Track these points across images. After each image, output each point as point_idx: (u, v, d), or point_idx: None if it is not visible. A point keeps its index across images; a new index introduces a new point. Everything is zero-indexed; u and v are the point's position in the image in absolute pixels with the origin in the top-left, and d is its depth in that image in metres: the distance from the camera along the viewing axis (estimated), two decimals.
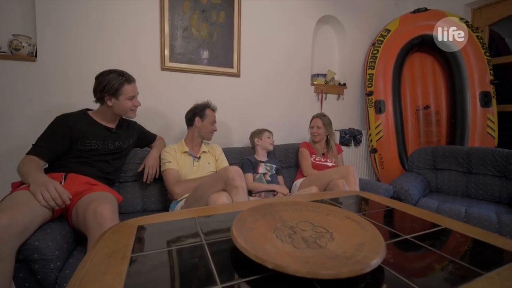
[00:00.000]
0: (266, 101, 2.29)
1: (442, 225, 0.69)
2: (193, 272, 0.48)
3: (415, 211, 0.79)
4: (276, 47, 2.27)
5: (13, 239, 0.79)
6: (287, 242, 0.55)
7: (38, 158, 1.14)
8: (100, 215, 0.94)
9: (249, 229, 0.60)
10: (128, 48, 1.76)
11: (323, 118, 2.05)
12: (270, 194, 1.73)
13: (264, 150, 1.94)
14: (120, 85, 1.30)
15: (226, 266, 0.50)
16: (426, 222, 0.71)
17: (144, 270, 0.49)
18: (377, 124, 2.50)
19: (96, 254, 0.55)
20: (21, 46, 1.49)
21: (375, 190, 1.68)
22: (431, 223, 0.71)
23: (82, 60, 1.64)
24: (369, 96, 2.55)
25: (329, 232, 0.60)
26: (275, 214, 0.69)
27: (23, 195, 0.89)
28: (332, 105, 2.63)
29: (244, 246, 0.49)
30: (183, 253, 0.55)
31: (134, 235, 0.63)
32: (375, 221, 0.72)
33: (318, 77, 2.55)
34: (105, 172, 1.35)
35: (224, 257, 0.54)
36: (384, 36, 2.50)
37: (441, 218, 0.74)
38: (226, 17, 2.02)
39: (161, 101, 1.90)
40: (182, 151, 1.59)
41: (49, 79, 1.58)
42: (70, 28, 1.60)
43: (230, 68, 2.09)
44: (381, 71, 2.48)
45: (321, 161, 1.99)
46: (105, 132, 1.35)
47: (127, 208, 1.53)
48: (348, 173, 1.55)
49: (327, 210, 0.70)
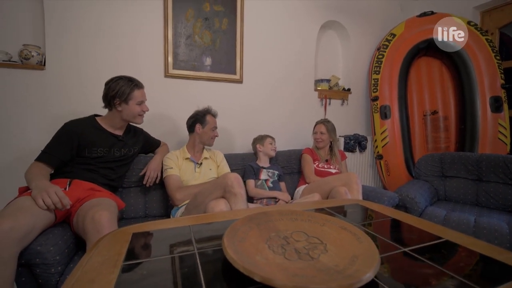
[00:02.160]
0: (269, 107, 2.29)
1: (444, 237, 0.66)
2: (181, 282, 0.48)
3: (416, 222, 0.77)
4: (279, 53, 2.28)
5: (15, 244, 0.80)
6: (279, 253, 0.54)
7: (45, 165, 1.17)
8: (98, 221, 0.95)
9: (241, 239, 0.59)
10: (133, 56, 1.79)
11: (326, 124, 2.03)
12: (272, 201, 1.72)
13: (266, 156, 1.93)
14: (130, 90, 1.32)
15: (215, 277, 0.50)
16: (427, 234, 0.69)
17: (133, 279, 0.49)
18: (382, 130, 2.46)
19: (88, 261, 0.55)
20: (31, 55, 1.54)
21: (380, 198, 1.64)
22: (433, 235, 0.68)
23: (89, 68, 1.68)
24: (374, 102, 2.52)
25: (323, 243, 0.59)
26: (270, 223, 0.68)
27: (26, 201, 0.91)
28: (336, 110, 2.61)
29: (233, 257, 0.49)
30: (174, 262, 0.55)
31: (128, 242, 0.63)
32: (373, 232, 0.70)
33: (322, 82, 2.54)
34: (110, 179, 1.37)
35: (215, 267, 0.53)
36: (389, 40, 2.48)
37: (443, 229, 0.72)
38: (229, 24, 2.04)
39: (165, 107, 1.92)
40: (184, 157, 1.60)
41: (57, 87, 1.62)
42: (77, 38, 1.65)
43: (233, 74, 2.10)
44: (386, 76, 2.45)
45: (324, 167, 1.96)
46: (112, 140, 1.37)
47: (130, 214, 1.54)
48: (350, 181, 1.53)
49: (323, 220, 0.69)
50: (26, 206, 0.88)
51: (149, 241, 0.65)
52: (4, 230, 0.77)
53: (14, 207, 0.87)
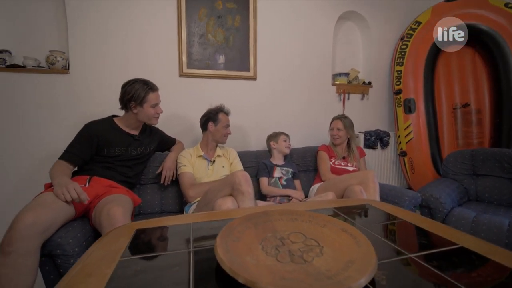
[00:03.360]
0: (284, 104, 2.25)
1: (459, 243, 0.60)
2: (170, 280, 0.48)
3: (431, 225, 0.71)
4: (293, 48, 2.22)
5: (37, 236, 0.87)
6: (271, 255, 0.53)
7: (68, 163, 1.25)
8: (113, 216, 1.00)
9: (235, 239, 0.58)
10: (149, 57, 1.85)
11: (343, 120, 1.95)
12: (285, 199, 1.69)
13: (281, 154, 1.91)
14: (145, 94, 1.37)
15: (205, 277, 0.50)
16: (440, 239, 0.63)
17: (127, 275, 0.50)
18: (406, 125, 2.31)
19: (90, 255, 0.58)
20: (56, 60, 1.66)
21: (400, 198, 1.55)
22: (446, 240, 0.62)
23: (109, 70, 1.77)
24: (397, 95, 2.38)
25: (320, 245, 0.56)
26: (268, 223, 0.67)
27: (48, 197, 0.98)
28: (355, 105, 2.50)
29: (222, 257, 0.48)
30: (168, 260, 0.56)
31: (130, 238, 0.65)
32: (379, 235, 0.66)
33: (340, 76, 2.44)
34: (127, 176, 1.43)
35: (207, 266, 0.53)
36: (414, 29, 2.31)
37: (461, 235, 0.65)
38: (242, 21, 2.03)
39: (180, 106, 1.97)
40: (197, 155, 1.63)
41: (80, 89, 1.73)
42: (98, 42, 1.74)
43: (246, 71, 2.09)
44: (410, 67, 2.29)
45: (341, 165, 1.89)
46: (128, 139, 1.43)
47: (146, 209, 1.60)
48: (367, 179, 1.45)
49: (324, 221, 0.66)
50: (48, 202, 0.95)
51: (149, 238, 0.67)
52: (27, 224, 0.84)
53: (37, 202, 0.94)
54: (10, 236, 0.82)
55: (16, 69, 1.59)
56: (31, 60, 1.64)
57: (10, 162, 1.64)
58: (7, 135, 1.62)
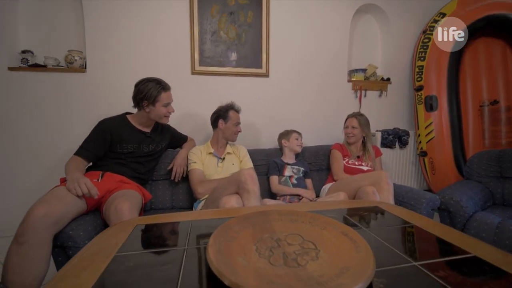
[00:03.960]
0: (297, 101, 2.21)
1: (472, 252, 0.55)
2: (159, 278, 0.48)
3: (442, 231, 0.66)
4: (308, 43, 2.17)
5: (48, 228, 0.91)
6: (265, 257, 0.51)
7: (82, 158, 1.30)
8: (120, 211, 1.02)
9: (230, 238, 0.57)
10: (162, 55, 1.88)
11: (359, 118, 1.88)
12: (295, 198, 1.66)
13: (292, 152, 1.87)
14: (158, 93, 1.39)
15: (195, 276, 0.49)
16: (451, 247, 0.58)
17: (119, 270, 0.51)
18: (427, 123, 2.19)
19: (88, 249, 0.59)
20: (74, 59, 1.73)
21: (417, 200, 1.46)
22: (458, 248, 0.57)
23: (123, 69, 1.82)
24: (418, 92, 2.25)
25: (317, 249, 0.54)
26: (267, 223, 0.65)
27: (61, 191, 1.03)
28: (373, 102, 2.40)
29: (212, 257, 0.47)
30: (161, 257, 0.56)
31: (128, 234, 0.66)
32: (384, 240, 0.62)
33: (357, 72, 2.35)
34: (139, 173, 1.47)
35: (199, 266, 0.52)
36: (437, 21, 2.17)
37: (475, 242, 0.60)
38: (254, 17, 2.00)
39: (192, 103, 1.99)
40: (207, 152, 1.64)
41: (96, 87, 1.79)
42: (113, 41, 1.79)
43: (258, 68, 2.07)
44: (433, 62, 2.16)
45: (355, 164, 1.82)
46: (140, 136, 1.46)
47: (158, 205, 1.63)
48: (380, 180, 1.39)
49: (324, 223, 0.63)
50: (60, 196, 0.99)
51: (148, 234, 0.67)
52: (39, 216, 0.88)
53: (49, 196, 0.99)
54: (23, 227, 0.87)
55: (38, 68, 1.68)
56: (51, 60, 1.72)
57: (32, 157, 1.74)
58: (29, 131, 1.72)
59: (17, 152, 1.73)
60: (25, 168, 1.74)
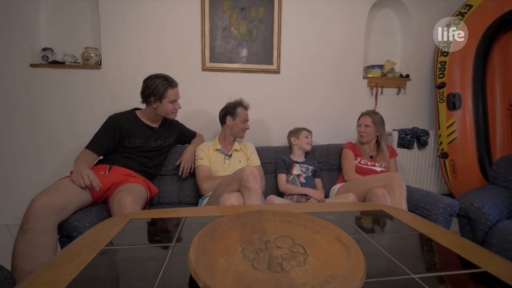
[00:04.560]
0: (309, 98, 2.15)
1: (483, 267, 0.49)
2: (139, 274, 0.47)
3: (451, 241, 0.60)
4: (321, 39, 2.10)
5: (51, 216, 0.95)
6: (248, 259, 0.49)
7: (92, 152, 1.34)
8: (123, 204, 1.04)
9: (218, 238, 0.55)
10: (173, 52, 1.90)
11: (373, 116, 1.79)
12: (303, 198, 1.61)
13: (301, 150, 1.82)
14: (164, 90, 1.40)
15: (175, 274, 0.47)
16: (459, 259, 0.53)
17: (102, 264, 0.51)
18: (449, 123, 2.05)
19: (79, 241, 0.60)
20: (90, 56, 1.78)
21: (433, 205, 1.37)
22: (467, 261, 0.52)
23: (136, 65, 1.86)
24: (440, 89, 2.11)
25: (306, 254, 0.50)
26: (258, 223, 0.63)
27: (65, 182, 1.07)
28: (390, 100, 2.28)
29: (192, 256, 0.45)
30: (146, 253, 0.55)
31: (120, 228, 0.66)
32: (383, 247, 0.57)
33: (373, 69, 2.25)
34: (146, 167, 1.49)
35: (181, 264, 0.51)
36: (463, 13, 2.02)
37: (489, 256, 0.54)
38: (266, 12, 1.97)
39: (202, 100, 1.99)
40: (215, 149, 1.63)
41: (110, 83, 1.84)
42: (127, 38, 1.83)
43: (269, 64, 2.03)
44: (457, 57, 2.01)
45: (368, 164, 1.74)
46: (148, 131, 1.49)
47: (165, 200, 1.65)
48: (392, 182, 1.31)
49: (319, 226, 0.60)
50: (62, 186, 1.03)
51: (139, 229, 0.67)
52: (41, 205, 0.92)
53: (53, 186, 1.03)
54: (26, 215, 0.91)
55: (56, 64, 1.75)
56: (69, 57, 1.79)
57: (51, 149, 1.82)
58: (49, 125, 1.81)
59: (37, 144, 1.82)
60: (44, 160, 1.83)
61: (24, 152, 1.82)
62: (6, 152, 1.80)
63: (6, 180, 1.83)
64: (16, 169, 1.82)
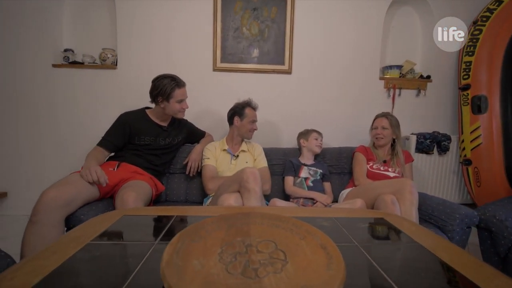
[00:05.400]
0: (321, 99, 2.10)
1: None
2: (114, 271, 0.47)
3: (455, 257, 0.54)
4: (335, 39, 2.04)
5: (59, 209, 0.99)
6: (225, 263, 0.47)
7: (103, 149, 1.40)
8: (125, 200, 1.07)
9: (199, 238, 0.54)
10: (186, 52, 1.94)
11: (390, 118, 1.71)
12: (309, 201, 1.57)
13: (310, 153, 1.78)
14: (171, 90, 1.43)
15: (149, 272, 0.47)
16: (459, 278, 0.48)
17: (83, 258, 0.51)
18: (473, 128, 1.91)
19: (68, 234, 0.62)
20: (107, 57, 1.86)
21: (449, 215, 1.27)
22: (467, 280, 0.46)
23: (150, 65, 1.91)
24: (464, 91, 1.97)
25: (286, 260, 0.48)
26: (245, 226, 0.61)
27: (73, 177, 1.12)
28: (408, 102, 2.17)
29: (165, 256, 0.45)
30: (128, 250, 0.55)
31: (111, 223, 0.67)
32: (373, 258, 0.53)
33: (391, 69, 2.15)
34: (154, 164, 1.52)
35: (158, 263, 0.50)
36: (492, 10, 1.87)
37: (495, 275, 0.48)
38: (278, 12, 1.94)
39: (213, 100, 2.01)
40: (222, 149, 1.64)
41: (125, 82, 1.91)
42: (141, 39, 1.89)
43: (281, 65, 2.01)
44: (484, 57, 1.87)
45: (380, 169, 1.66)
46: (157, 130, 1.52)
47: (172, 197, 1.68)
48: (403, 188, 1.23)
49: (306, 232, 0.57)
50: (72, 181, 1.08)
51: (129, 225, 0.68)
52: (50, 197, 0.97)
53: (62, 181, 1.08)
54: (36, 207, 0.95)
55: (76, 65, 1.85)
56: (88, 57, 1.88)
57: (69, 146, 1.92)
58: (68, 123, 1.91)
59: (57, 140, 1.93)
60: (64, 155, 1.93)
61: (47, 147, 1.94)
62: (32, 146, 1.93)
63: (30, 174, 1.95)
64: (38, 164, 1.94)
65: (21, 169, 1.95)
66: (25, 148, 1.93)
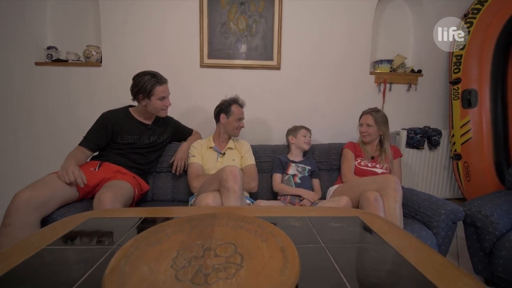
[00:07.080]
0: (311, 95, 2.07)
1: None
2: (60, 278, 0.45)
3: (420, 259, 0.52)
4: (324, 33, 2.00)
5: (33, 211, 0.97)
6: (176, 269, 0.45)
7: (85, 149, 1.37)
8: (102, 201, 1.05)
9: (155, 242, 0.52)
10: (172, 49, 1.90)
11: (375, 114, 1.68)
12: (296, 199, 1.55)
13: (299, 150, 1.76)
14: (152, 87, 1.39)
15: (96, 280, 0.45)
16: (421, 280, 0.46)
17: (35, 264, 0.49)
18: (463, 122, 1.89)
19: (26, 239, 0.60)
20: (92, 54, 1.82)
21: (434, 211, 1.26)
22: (431, 284, 0.45)
23: (134, 62, 1.87)
24: (454, 85, 1.95)
25: (241, 265, 0.46)
26: (209, 228, 0.59)
27: (49, 177, 1.09)
28: (399, 97, 2.14)
29: (111, 261, 0.43)
30: (83, 255, 0.53)
31: (73, 227, 0.65)
32: (336, 261, 0.51)
33: (382, 64, 2.12)
34: (139, 163, 1.50)
35: None
36: (483, 2, 1.84)
37: (460, 277, 0.47)
38: (266, 6, 1.91)
39: (200, 97, 1.98)
40: (208, 146, 1.62)
41: (110, 80, 1.88)
42: (126, 36, 1.85)
43: (269, 60, 1.98)
44: (475, 50, 1.84)
45: (368, 166, 1.64)
46: (141, 128, 1.49)
47: (159, 197, 1.66)
48: (386, 185, 1.21)
49: (269, 234, 0.55)
50: (48, 181, 1.05)
51: (91, 228, 0.66)
52: (24, 199, 0.94)
53: (37, 182, 1.05)
54: (9, 209, 0.93)
55: (60, 63, 1.81)
56: (72, 55, 1.84)
57: (53, 144, 1.89)
58: (52, 121, 1.87)
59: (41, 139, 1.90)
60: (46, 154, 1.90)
61: (27, 147, 1.91)
62: (10, 147, 1.89)
63: (8, 174, 1.92)
64: (19, 164, 1.91)
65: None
66: (3, 146, 1.90)
